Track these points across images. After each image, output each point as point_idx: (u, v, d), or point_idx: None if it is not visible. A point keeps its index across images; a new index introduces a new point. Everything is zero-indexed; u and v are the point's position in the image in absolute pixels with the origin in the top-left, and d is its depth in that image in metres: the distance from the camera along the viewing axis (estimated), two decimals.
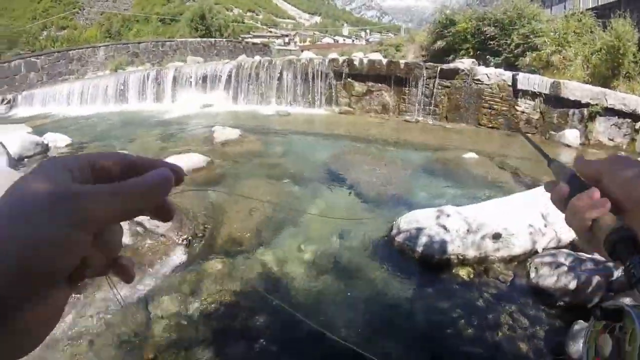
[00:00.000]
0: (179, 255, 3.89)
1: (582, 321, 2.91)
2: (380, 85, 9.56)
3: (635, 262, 0.31)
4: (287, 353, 2.82)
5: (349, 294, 3.38)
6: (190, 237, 4.13)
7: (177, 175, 0.30)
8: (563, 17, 9.40)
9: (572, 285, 3.23)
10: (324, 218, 4.59)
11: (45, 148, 7.26)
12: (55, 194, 0.24)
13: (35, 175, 0.26)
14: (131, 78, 10.91)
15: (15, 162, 6.26)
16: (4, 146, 6.12)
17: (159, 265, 3.73)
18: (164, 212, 0.32)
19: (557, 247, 3.74)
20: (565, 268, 3.37)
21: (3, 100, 10.13)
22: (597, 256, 3.53)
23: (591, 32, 8.75)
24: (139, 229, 4.08)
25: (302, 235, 4.21)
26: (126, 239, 3.90)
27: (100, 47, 15.85)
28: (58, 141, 7.60)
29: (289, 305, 3.22)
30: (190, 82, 10.49)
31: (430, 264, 3.60)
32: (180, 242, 4.04)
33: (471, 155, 6.48)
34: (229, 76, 10.31)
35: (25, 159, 6.74)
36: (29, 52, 16.50)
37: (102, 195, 0.26)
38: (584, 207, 0.37)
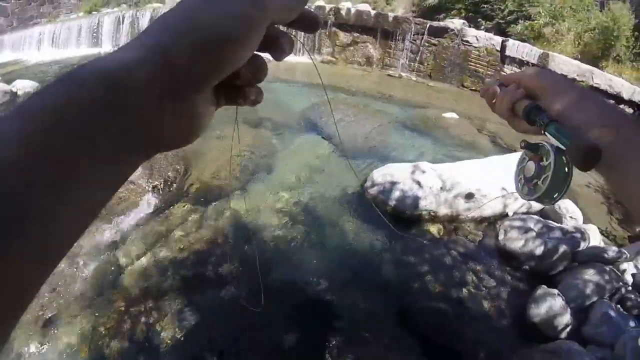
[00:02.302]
0: (148, 203, 3.83)
1: (544, 286, 2.91)
2: (366, 37, 9.17)
3: (542, 117, 0.47)
4: (254, 301, 2.73)
5: (319, 243, 3.36)
6: (160, 184, 4.02)
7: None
8: None
9: (539, 251, 3.23)
10: (299, 166, 4.44)
11: (14, 96, 6.84)
12: None
13: None
14: (106, 20, 10.02)
15: None
16: None
17: (128, 213, 3.68)
18: (310, 21, 0.37)
19: (528, 213, 3.72)
20: (534, 234, 3.36)
21: None
22: (565, 226, 3.52)
23: (588, 10, 8.56)
24: None
25: (276, 183, 4.11)
26: None
27: None
28: (27, 88, 7.07)
29: (259, 254, 3.24)
30: None
31: (402, 219, 3.57)
32: (149, 189, 3.93)
33: (452, 115, 6.36)
34: None
35: None
36: None
37: None
38: (506, 95, 0.53)
